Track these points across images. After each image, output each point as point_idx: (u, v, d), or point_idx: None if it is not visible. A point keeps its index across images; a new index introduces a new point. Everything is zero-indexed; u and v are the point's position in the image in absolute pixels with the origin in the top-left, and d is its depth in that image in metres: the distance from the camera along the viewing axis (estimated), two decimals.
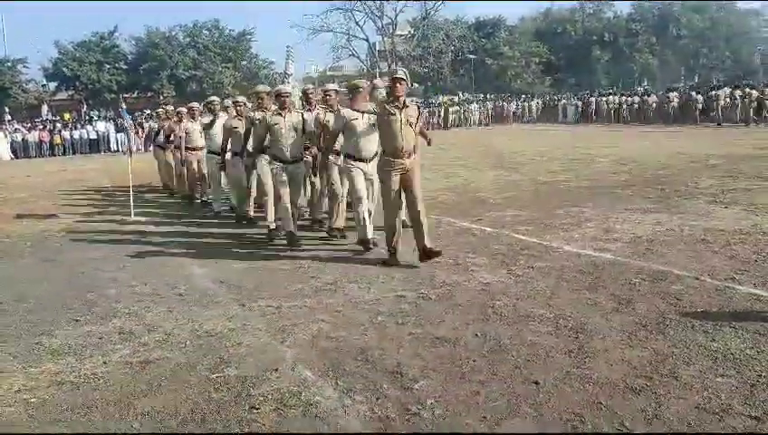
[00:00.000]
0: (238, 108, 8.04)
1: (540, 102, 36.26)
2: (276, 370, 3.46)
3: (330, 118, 6.64)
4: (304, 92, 7.64)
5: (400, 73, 5.46)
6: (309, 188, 7.61)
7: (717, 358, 3.30)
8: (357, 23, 42.44)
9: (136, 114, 29.20)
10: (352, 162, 6.06)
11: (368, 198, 6.20)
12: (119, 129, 24.33)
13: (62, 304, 4.89)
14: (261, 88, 7.71)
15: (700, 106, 25.57)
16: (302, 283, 5.15)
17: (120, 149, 22.80)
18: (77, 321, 4.48)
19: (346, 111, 6.05)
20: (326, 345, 3.79)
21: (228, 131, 7.98)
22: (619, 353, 3.42)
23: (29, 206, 10.95)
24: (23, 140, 26.68)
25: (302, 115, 6.59)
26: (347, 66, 46.10)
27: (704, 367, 3.20)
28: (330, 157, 6.50)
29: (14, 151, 26.17)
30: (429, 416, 2.89)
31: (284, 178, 6.45)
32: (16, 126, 28.17)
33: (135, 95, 37.59)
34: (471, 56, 41.47)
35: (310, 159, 6.87)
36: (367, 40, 43.58)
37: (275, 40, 58.22)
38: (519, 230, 6.69)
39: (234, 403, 3.10)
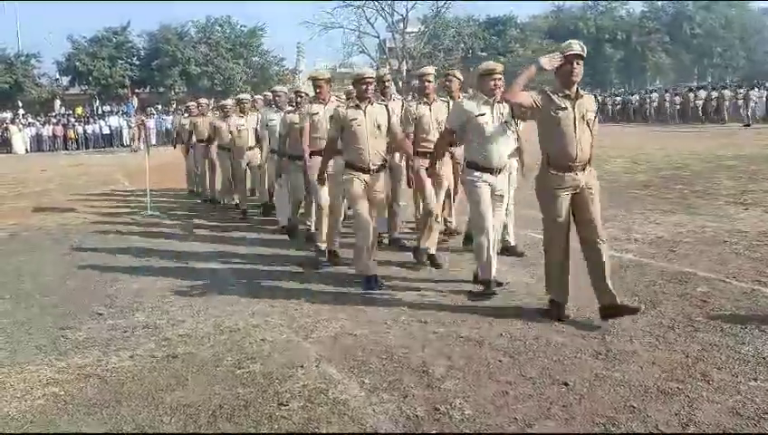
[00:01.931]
0: (300, 98, 6.52)
1: None
2: (302, 366, 3.46)
3: (424, 111, 5.45)
4: (380, 79, 5.73)
5: (577, 48, 3.78)
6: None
7: (749, 362, 3.26)
8: (368, 20, 42.38)
9: (148, 109, 29.38)
10: (476, 173, 4.52)
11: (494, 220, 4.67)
12: (129, 125, 24.49)
13: (86, 298, 4.92)
14: (322, 74, 6.11)
15: (727, 105, 25.45)
16: (324, 281, 5.15)
17: (132, 146, 22.79)
18: (101, 314, 4.50)
19: (468, 103, 4.57)
20: (349, 343, 3.79)
21: (288, 129, 6.41)
22: (649, 356, 3.38)
23: (46, 199, 11.03)
24: (37, 134, 26.89)
25: (387, 107, 5.01)
26: (357, 63, 46.08)
27: (736, 371, 3.16)
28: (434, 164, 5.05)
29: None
30: (459, 416, 2.87)
31: (362, 192, 4.87)
32: (31, 120, 28.38)
33: (147, 90, 37.75)
34: (482, 54, 41.30)
35: (402, 164, 5.73)
36: (377, 37, 43.51)
37: (286, 37, 58.32)
38: (538, 230, 6.64)
39: (261, 399, 3.10)
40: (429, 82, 5.54)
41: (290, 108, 6.75)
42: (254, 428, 2.85)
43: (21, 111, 31.23)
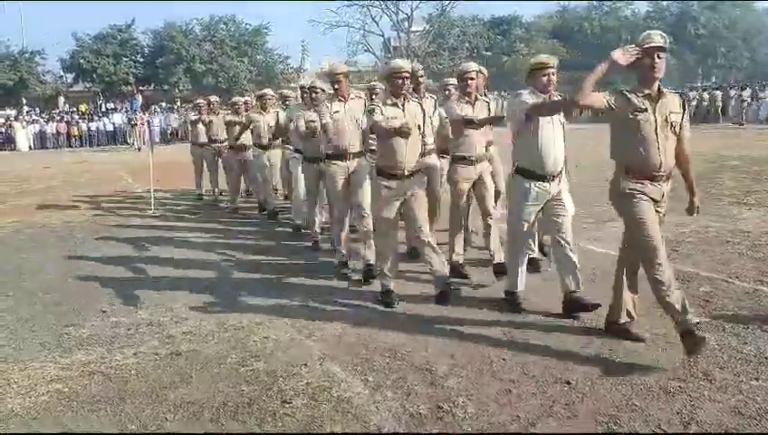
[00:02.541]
0: (315, 94, 5.82)
1: None
2: (305, 364, 3.47)
3: (466, 111, 4.95)
4: (413, 74, 4.89)
5: (658, 39, 3.31)
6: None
7: (751, 361, 3.26)
8: (373, 18, 42.39)
9: (152, 107, 29.42)
10: (526, 181, 4.05)
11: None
12: (132, 123, 24.49)
13: (89, 295, 4.94)
14: (340, 67, 5.45)
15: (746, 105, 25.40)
16: (328, 280, 5.16)
17: (136, 144, 22.79)
18: (104, 312, 4.52)
19: (527, 95, 4.02)
20: (353, 341, 3.80)
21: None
22: (651, 355, 3.39)
23: (49, 197, 11.06)
24: (40, 131, 26.95)
25: (421, 105, 4.54)
26: (361, 62, 46.08)
27: (738, 370, 3.16)
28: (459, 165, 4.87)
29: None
30: (462, 414, 2.88)
31: (390, 204, 4.38)
32: (35, 117, 28.45)
33: (151, 88, 37.80)
34: (486, 53, 41.27)
35: (438, 163, 5.40)
36: (382, 35, 43.54)
37: (291, 36, 58.31)
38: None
39: (265, 397, 3.12)
40: (472, 79, 4.99)
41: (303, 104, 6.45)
42: (258, 425, 2.86)
43: (25, 108, 31.30)
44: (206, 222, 8.15)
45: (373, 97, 5.98)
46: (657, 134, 3.33)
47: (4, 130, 26.97)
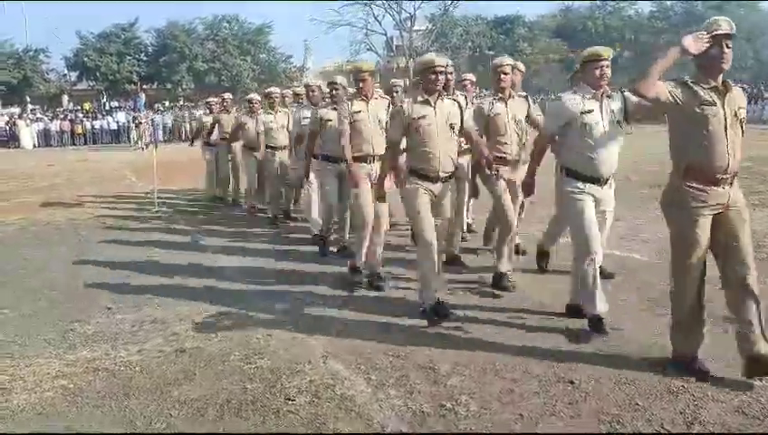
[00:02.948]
0: (335, 91, 5.61)
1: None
2: (309, 362, 3.48)
3: (499, 108, 4.66)
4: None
5: (726, 26, 3.04)
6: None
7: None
8: (375, 17, 42.36)
9: (156, 105, 29.47)
10: (578, 183, 3.74)
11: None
12: (136, 122, 24.45)
13: (94, 292, 4.96)
14: (366, 65, 5.25)
15: None
16: (329, 281, 5.17)
17: (140, 143, 22.73)
18: (109, 309, 4.54)
19: (570, 99, 3.73)
20: (356, 340, 3.81)
21: (319, 126, 5.62)
22: (655, 355, 3.39)
23: (53, 195, 11.09)
24: (44, 129, 27.02)
25: (459, 103, 4.17)
26: (365, 60, 46.08)
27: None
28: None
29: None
30: (464, 412, 2.89)
31: (428, 206, 4.09)
32: (39, 115, 28.53)
33: (154, 86, 37.87)
34: (489, 52, 41.23)
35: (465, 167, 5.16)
36: (385, 34, 43.51)
37: (294, 35, 58.38)
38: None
39: (269, 394, 3.13)
40: (506, 73, 4.67)
41: (322, 103, 6.19)
42: (262, 422, 2.87)
43: (29, 106, 31.38)
44: (210, 220, 8.17)
45: (393, 96, 5.72)
46: (725, 131, 2.99)
47: (8, 127, 27.02)
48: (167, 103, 31.91)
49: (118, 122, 28.06)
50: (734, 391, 2.97)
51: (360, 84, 4.89)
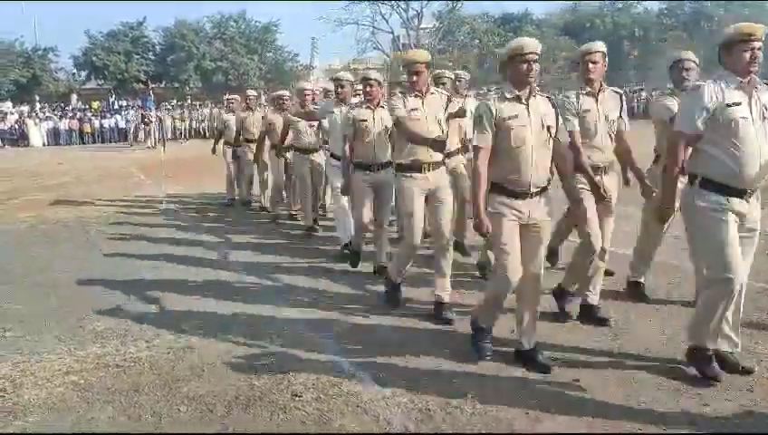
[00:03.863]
0: (370, 88, 4.80)
1: None
2: (315, 359, 3.51)
3: (589, 104, 3.85)
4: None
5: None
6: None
7: (762, 360, 3.26)
8: (382, 15, 42.36)
9: (162, 104, 29.58)
10: (716, 197, 3.06)
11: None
12: (144, 121, 24.39)
13: (103, 290, 5.00)
14: (421, 55, 4.33)
15: None
16: (337, 278, 5.20)
17: (150, 142, 22.68)
18: (118, 306, 4.58)
19: (711, 87, 2.98)
20: (363, 337, 3.83)
21: (353, 129, 4.81)
22: (662, 353, 3.39)
23: (63, 192, 11.18)
24: (53, 127, 27.19)
25: (552, 101, 3.44)
26: (371, 59, 46.07)
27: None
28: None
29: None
30: (470, 409, 2.90)
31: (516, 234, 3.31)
32: (48, 114, 28.71)
33: (162, 85, 38.04)
34: (497, 50, 41.14)
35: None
36: (391, 33, 43.49)
37: (300, 33, 58.40)
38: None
39: (276, 391, 3.15)
40: (595, 62, 3.84)
41: (354, 100, 5.54)
42: (269, 418, 2.90)
43: (38, 105, 31.60)
44: (220, 221, 8.21)
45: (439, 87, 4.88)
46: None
47: (18, 126, 27.21)
48: (174, 102, 31.99)
49: (127, 121, 28.16)
50: (740, 390, 2.97)
51: (414, 78, 4.17)
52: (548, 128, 3.25)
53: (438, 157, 4.22)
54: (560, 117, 3.42)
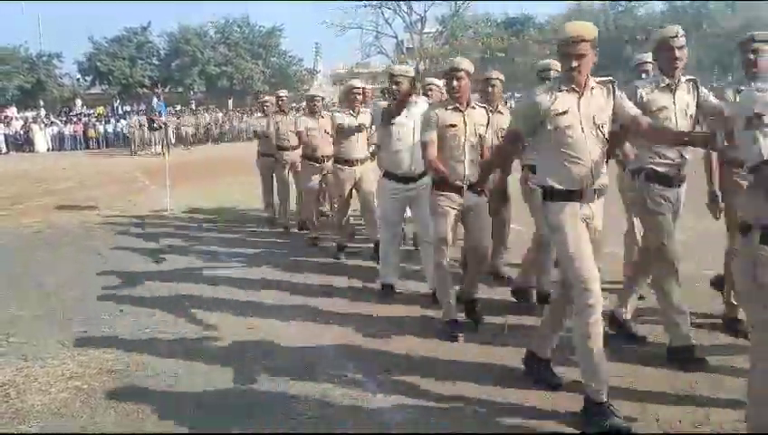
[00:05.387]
0: (458, 82, 3.77)
1: None
2: (319, 363, 3.52)
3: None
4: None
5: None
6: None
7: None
8: (386, 20, 42.46)
9: (168, 108, 29.69)
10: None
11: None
12: (151, 127, 24.15)
13: (106, 295, 5.02)
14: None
15: None
16: (344, 280, 5.22)
17: (154, 148, 22.46)
18: (121, 311, 4.60)
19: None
20: (365, 341, 3.85)
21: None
22: (662, 354, 3.39)
23: (67, 198, 11.22)
24: (58, 133, 27.31)
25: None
26: (374, 63, 46.18)
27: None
28: None
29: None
30: (470, 411, 2.91)
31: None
32: (53, 119, 28.85)
33: (167, 90, 38.23)
34: (500, 54, 41.16)
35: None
36: (395, 37, 43.59)
37: (304, 38, 58.60)
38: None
39: (280, 394, 3.16)
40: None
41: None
42: (272, 422, 2.91)
43: (42, 111, 31.77)
44: (225, 227, 8.23)
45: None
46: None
47: (23, 132, 27.34)
48: (178, 107, 32.13)
49: (130, 126, 28.20)
50: (744, 393, 2.96)
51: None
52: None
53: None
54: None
